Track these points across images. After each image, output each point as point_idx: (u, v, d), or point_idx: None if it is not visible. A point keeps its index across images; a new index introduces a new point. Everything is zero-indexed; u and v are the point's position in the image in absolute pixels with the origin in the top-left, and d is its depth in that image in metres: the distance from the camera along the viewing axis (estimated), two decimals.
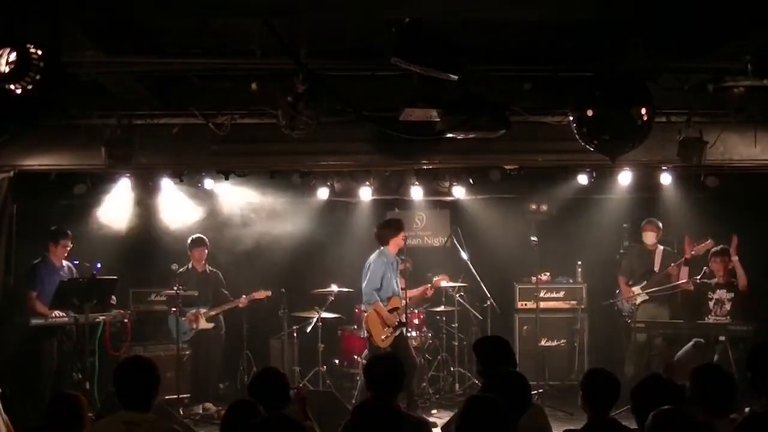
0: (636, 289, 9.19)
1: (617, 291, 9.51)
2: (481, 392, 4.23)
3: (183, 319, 8.85)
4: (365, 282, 8.47)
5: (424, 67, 4.90)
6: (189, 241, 9.21)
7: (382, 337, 8.29)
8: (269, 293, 9.30)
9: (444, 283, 9.32)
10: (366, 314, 8.45)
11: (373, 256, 8.55)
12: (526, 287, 9.88)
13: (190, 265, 9.16)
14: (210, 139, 7.27)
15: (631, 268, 9.42)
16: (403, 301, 8.43)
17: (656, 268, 9.26)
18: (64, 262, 8.45)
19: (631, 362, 9.06)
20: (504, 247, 9.90)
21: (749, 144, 7.57)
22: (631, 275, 9.39)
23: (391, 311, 8.38)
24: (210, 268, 9.35)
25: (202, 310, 9.05)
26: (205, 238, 9.26)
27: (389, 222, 8.76)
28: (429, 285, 9.20)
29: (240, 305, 9.22)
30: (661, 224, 9.29)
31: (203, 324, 9.06)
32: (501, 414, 3.45)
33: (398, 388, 4.69)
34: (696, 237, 8.85)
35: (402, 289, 8.58)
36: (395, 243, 8.51)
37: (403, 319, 8.38)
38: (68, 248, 8.42)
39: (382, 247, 8.55)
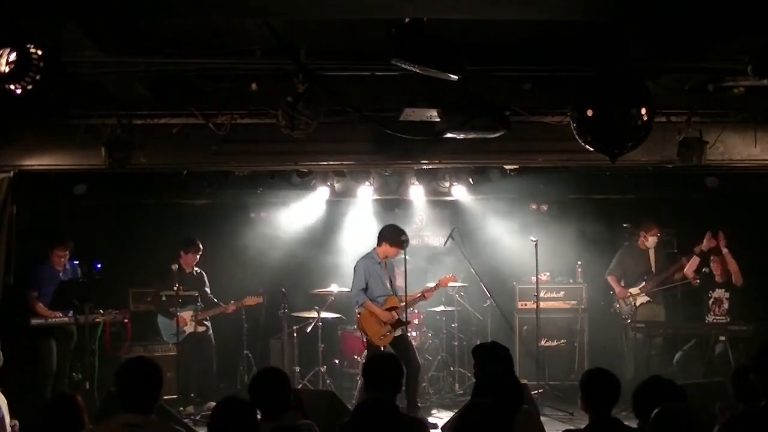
0: (634, 290, 9.18)
1: (611, 292, 9.51)
2: (472, 393, 4.23)
3: (172, 321, 8.75)
4: (352, 284, 8.45)
5: (424, 67, 4.90)
6: (182, 241, 9.02)
7: (380, 336, 8.16)
8: (260, 299, 9.17)
9: (451, 284, 9.06)
10: (359, 316, 8.38)
11: (359, 259, 8.49)
12: (526, 287, 9.86)
13: (177, 266, 8.83)
14: (210, 139, 7.26)
15: (624, 268, 9.42)
16: (402, 302, 8.25)
17: (653, 269, 9.27)
18: (67, 265, 8.43)
19: (631, 362, 9.06)
20: (504, 247, 9.90)
21: (749, 144, 7.57)
22: (623, 275, 9.39)
23: (388, 310, 8.25)
24: (197, 269, 9.19)
25: (193, 313, 8.91)
26: (198, 242, 9.05)
27: (394, 229, 8.35)
28: (430, 286, 8.76)
29: (227, 311, 9.07)
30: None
31: (192, 326, 8.89)
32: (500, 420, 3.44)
33: (396, 388, 4.65)
34: (696, 236, 8.86)
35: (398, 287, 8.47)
36: (386, 249, 8.33)
37: (404, 318, 8.22)
38: (64, 257, 8.35)
39: (371, 249, 8.48)
